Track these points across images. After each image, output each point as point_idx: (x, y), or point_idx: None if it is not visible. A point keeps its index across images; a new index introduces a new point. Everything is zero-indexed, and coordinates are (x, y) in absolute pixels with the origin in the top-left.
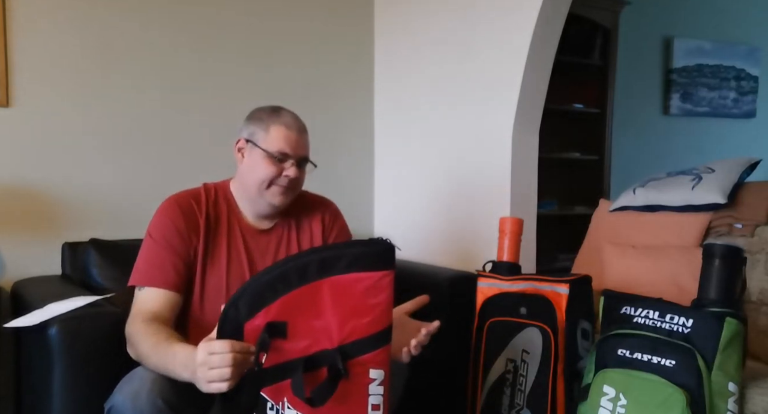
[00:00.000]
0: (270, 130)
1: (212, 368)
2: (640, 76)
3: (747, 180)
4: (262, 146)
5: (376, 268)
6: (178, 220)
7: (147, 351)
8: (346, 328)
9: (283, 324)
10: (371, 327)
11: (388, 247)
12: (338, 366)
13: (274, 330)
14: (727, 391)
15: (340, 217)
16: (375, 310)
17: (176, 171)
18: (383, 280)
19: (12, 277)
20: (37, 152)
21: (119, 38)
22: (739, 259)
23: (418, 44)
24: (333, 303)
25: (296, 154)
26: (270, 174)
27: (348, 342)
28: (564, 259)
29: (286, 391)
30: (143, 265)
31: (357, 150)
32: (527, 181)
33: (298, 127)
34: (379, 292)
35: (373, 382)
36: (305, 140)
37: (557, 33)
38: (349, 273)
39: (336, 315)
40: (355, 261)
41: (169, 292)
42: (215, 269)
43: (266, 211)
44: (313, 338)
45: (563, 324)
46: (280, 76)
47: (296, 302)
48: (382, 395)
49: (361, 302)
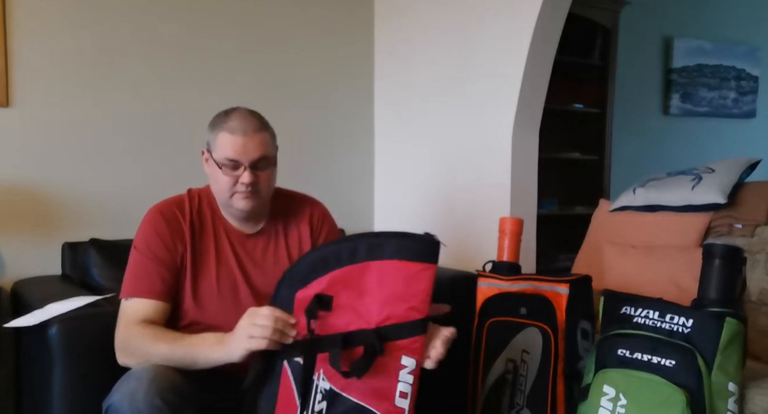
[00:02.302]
0: (217, 137)
1: (256, 324)
2: (640, 76)
3: (747, 180)
4: (214, 156)
5: (418, 260)
6: (163, 229)
7: (166, 348)
8: (385, 310)
9: (329, 297)
10: (408, 314)
11: (433, 242)
12: (375, 343)
13: (321, 301)
14: (727, 391)
15: (328, 217)
16: (414, 299)
17: (177, 171)
18: (424, 273)
19: (12, 277)
20: (37, 152)
21: (119, 38)
22: (739, 259)
23: (419, 44)
24: (377, 285)
25: (247, 158)
26: (227, 183)
27: (385, 325)
28: (564, 259)
29: (322, 363)
30: (130, 278)
31: (357, 149)
32: (527, 181)
33: (244, 129)
34: (419, 282)
35: (404, 368)
36: (257, 140)
37: (557, 33)
38: (394, 259)
39: (378, 297)
40: (399, 250)
41: (156, 302)
42: (205, 274)
43: (241, 216)
44: (353, 316)
45: (563, 324)
46: (280, 77)
47: (343, 279)
48: (412, 385)
49: (402, 288)
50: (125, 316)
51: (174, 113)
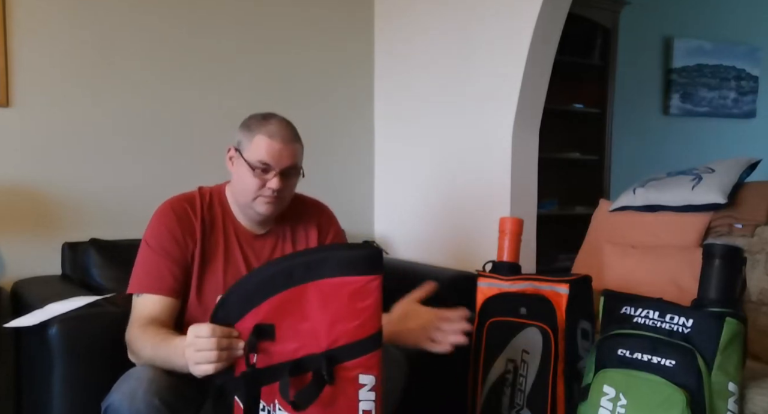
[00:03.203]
0: (254, 139)
1: (198, 350)
2: (640, 76)
3: (747, 180)
4: (245, 156)
5: (363, 273)
6: (174, 225)
7: (150, 351)
8: (333, 332)
9: (270, 326)
10: (359, 331)
11: (375, 252)
12: (321, 371)
13: (261, 332)
14: (727, 391)
15: (335, 222)
16: (363, 314)
17: (177, 171)
18: (370, 284)
19: (12, 277)
20: (37, 152)
21: (119, 38)
22: (739, 259)
23: (419, 44)
24: (320, 306)
25: (279, 164)
26: (253, 185)
27: (336, 346)
28: (564, 259)
29: (276, 394)
30: (141, 272)
31: (357, 150)
32: (527, 181)
33: (283, 136)
34: (366, 296)
35: (364, 387)
36: (292, 150)
37: (557, 33)
38: (336, 277)
39: (323, 318)
40: (341, 264)
41: (166, 298)
42: (212, 272)
43: (257, 218)
44: (301, 342)
45: (563, 324)
46: (280, 77)
47: (283, 305)
48: (374, 401)
49: (348, 306)
50: (134, 313)
51: (174, 113)
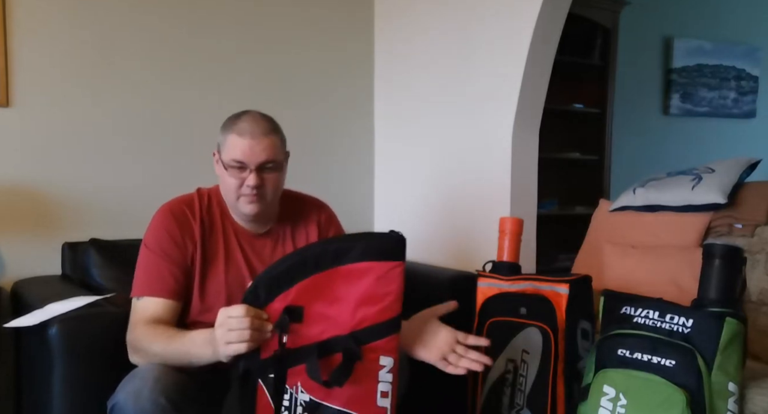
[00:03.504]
0: (227, 139)
1: (231, 330)
2: (640, 76)
3: (747, 180)
4: (222, 157)
5: (387, 259)
6: (173, 228)
7: (161, 348)
8: (358, 314)
9: (300, 308)
10: (382, 314)
11: (399, 239)
12: (353, 349)
13: (291, 313)
14: (727, 391)
15: (335, 220)
16: (386, 298)
17: (177, 171)
18: (394, 271)
19: (12, 277)
20: (37, 152)
21: (119, 38)
22: (739, 259)
23: (419, 44)
24: (347, 289)
25: (253, 160)
26: (233, 185)
27: (359, 328)
28: (564, 259)
29: (299, 375)
30: (142, 276)
31: (357, 150)
32: (527, 181)
33: (252, 132)
34: (389, 282)
35: (383, 368)
36: (264, 144)
37: (557, 33)
38: (362, 262)
39: (349, 301)
40: (367, 251)
41: (168, 301)
42: (214, 274)
43: (247, 218)
44: (326, 324)
45: (563, 324)
46: (280, 77)
47: (312, 288)
48: (391, 383)
49: (372, 290)
50: (136, 315)
51: (174, 113)
